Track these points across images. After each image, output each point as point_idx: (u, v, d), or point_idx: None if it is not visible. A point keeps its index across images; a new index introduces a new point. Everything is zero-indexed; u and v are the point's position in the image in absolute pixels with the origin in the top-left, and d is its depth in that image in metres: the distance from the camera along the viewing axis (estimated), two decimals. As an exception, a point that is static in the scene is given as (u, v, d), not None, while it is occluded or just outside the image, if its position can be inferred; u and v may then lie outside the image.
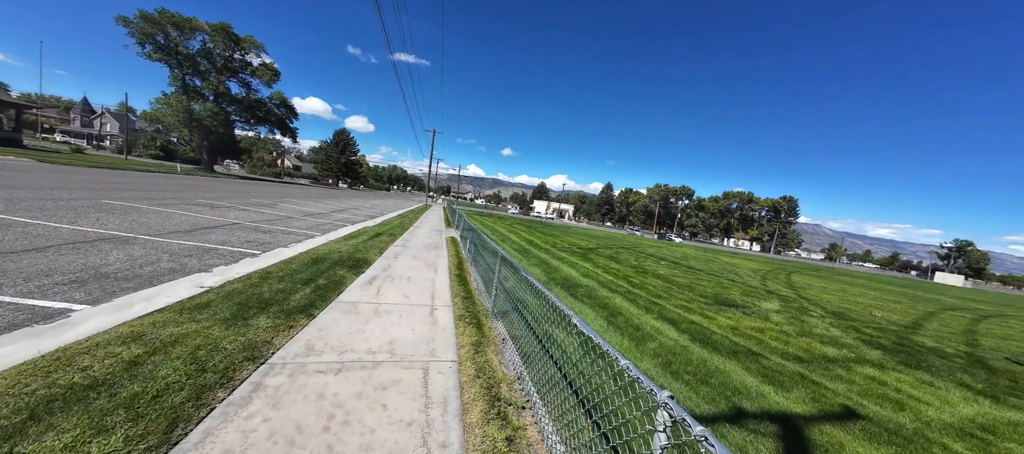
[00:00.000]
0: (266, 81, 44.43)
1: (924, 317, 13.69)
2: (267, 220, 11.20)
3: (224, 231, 8.50)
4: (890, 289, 25.90)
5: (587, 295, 7.98)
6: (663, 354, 4.79)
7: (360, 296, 5.08)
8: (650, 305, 7.90)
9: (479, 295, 6.17)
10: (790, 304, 11.27)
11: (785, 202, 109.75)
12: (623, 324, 5.99)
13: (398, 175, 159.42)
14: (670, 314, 7.33)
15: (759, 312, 9.06)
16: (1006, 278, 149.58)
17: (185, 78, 41.97)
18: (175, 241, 6.88)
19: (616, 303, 7.58)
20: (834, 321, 9.48)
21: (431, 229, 16.32)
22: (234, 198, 16.19)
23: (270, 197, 20.00)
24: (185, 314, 3.63)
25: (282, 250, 7.53)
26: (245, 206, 13.81)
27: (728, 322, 7.40)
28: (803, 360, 5.59)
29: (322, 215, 15.22)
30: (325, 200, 25.14)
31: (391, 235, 12.03)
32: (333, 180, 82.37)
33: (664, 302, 8.53)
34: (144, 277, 4.82)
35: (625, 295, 8.64)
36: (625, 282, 10.68)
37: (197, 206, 11.73)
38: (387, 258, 8.17)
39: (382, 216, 19.44)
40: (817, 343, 6.83)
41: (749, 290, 13.32)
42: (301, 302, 4.42)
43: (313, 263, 6.53)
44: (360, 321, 4.14)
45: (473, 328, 4.34)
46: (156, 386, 2.42)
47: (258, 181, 42.53)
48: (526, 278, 3.46)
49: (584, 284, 9.26)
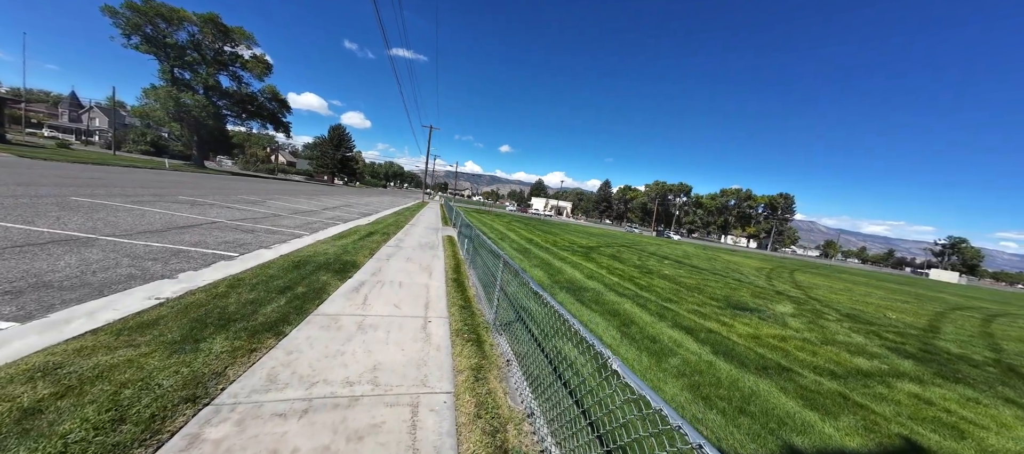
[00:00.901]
0: (257, 74, 43.29)
1: (936, 318, 13.28)
2: (252, 218, 10.53)
3: (201, 231, 7.83)
4: (892, 287, 25.60)
5: (594, 300, 7.40)
6: (688, 373, 4.23)
7: (343, 307, 4.46)
8: (662, 311, 7.34)
9: (478, 303, 5.58)
10: (803, 306, 10.77)
11: (782, 199, 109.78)
12: (638, 335, 5.42)
13: (395, 172, 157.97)
14: (685, 321, 6.77)
15: (775, 317, 8.54)
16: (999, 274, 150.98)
17: (173, 71, 40.82)
18: (141, 243, 6.22)
19: (626, 309, 7.01)
20: (852, 325, 8.98)
21: (427, 227, 15.68)
22: (219, 195, 15.45)
23: (259, 194, 19.25)
24: (124, 336, 3.01)
25: (263, 252, 6.90)
26: (230, 203, 13.09)
27: (747, 329, 6.86)
28: (838, 375, 5.05)
29: (312, 213, 14.53)
30: (318, 197, 24.39)
31: (384, 234, 11.39)
32: (328, 177, 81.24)
33: (675, 307, 7.98)
34: (93, 286, 4.18)
35: (634, 299, 8.08)
36: (632, 284, 10.12)
37: (176, 203, 11.02)
38: (378, 260, 7.54)
39: (376, 214, 18.76)
40: (845, 353, 6.31)
41: (758, 291, 12.83)
42: (272, 316, 3.80)
43: (294, 267, 5.89)
44: (340, 339, 3.53)
45: (472, 346, 3.74)
46: (49, 450, 1.80)
47: (250, 177, 41.56)
48: (538, 293, 2.86)
49: (590, 287, 8.68)
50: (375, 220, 15.28)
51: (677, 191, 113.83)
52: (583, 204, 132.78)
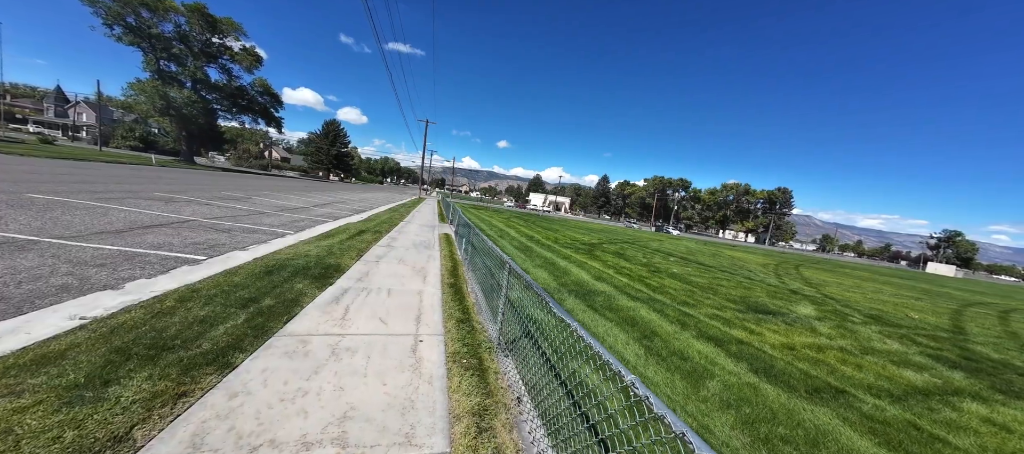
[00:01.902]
0: (247, 66, 41.92)
1: (954, 316, 12.72)
2: (232, 216, 9.71)
3: (169, 230, 7.02)
4: (898, 283, 25.13)
5: (607, 306, 6.69)
6: (734, 402, 3.53)
7: (317, 323, 3.71)
8: (682, 317, 6.64)
9: (479, 313, 4.84)
10: (823, 307, 10.13)
11: (780, 193, 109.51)
12: (663, 350, 4.71)
13: (391, 167, 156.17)
14: (709, 329, 6.08)
15: (801, 321, 7.87)
16: (993, 267, 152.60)
17: (159, 63, 39.46)
18: (92, 246, 5.42)
19: (643, 316, 6.30)
20: (881, 329, 8.34)
21: (423, 225, 14.90)
22: (201, 191, 14.57)
23: (246, 190, 18.36)
24: (10, 377, 2.25)
25: (237, 254, 6.12)
26: (211, 200, 12.24)
27: (777, 338, 6.18)
28: (896, 397, 4.37)
29: (301, 210, 13.71)
30: (310, 193, 23.50)
31: (376, 232, 10.61)
32: (323, 173, 79.95)
33: (694, 311, 7.29)
34: (13, 301, 3.40)
35: (648, 303, 7.38)
36: (642, 285, 9.43)
37: (149, 200, 10.18)
38: (366, 263, 6.77)
39: (370, 210, 17.94)
40: (890, 365, 5.64)
41: (772, 290, 12.18)
42: (222, 341, 3.04)
43: (266, 273, 5.12)
44: (305, 371, 2.78)
45: (473, 377, 3.01)
46: None
47: (241, 174, 40.46)
48: (566, 320, 2.13)
49: (599, 290, 7.97)
50: (368, 217, 14.48)
51: (676, 186, 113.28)
52: (581, 199, 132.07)
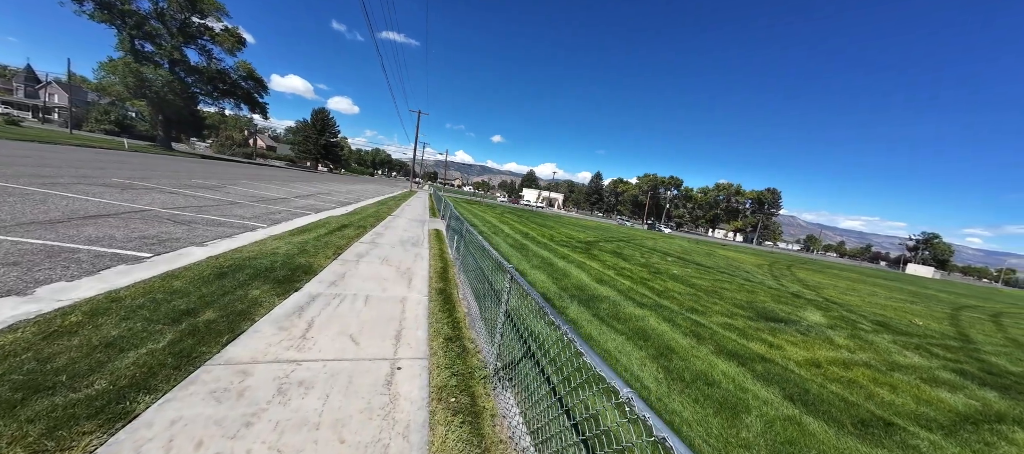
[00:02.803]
0: (228, 48, 39.88)
1: (953, 321, 12.53)
2: (197, 206, 8.77)
3: (116, 222, 6.11)
4: (886, 285, 25.30)
5: (613, 314, 6.06)
6: (778, 445, 2.91)
7: (267, 347, 2.95)
8: (694, 328, 6.06)
9: (471, 327, 4.14)
10: (830, 313, 9.72)
11: (769, 194, 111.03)
12: (684, 372, 4.08)
13: (382, 159, 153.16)
14: (726, 342, 5.50)
15: (815, 330, 7.39)
16: (967, 269, 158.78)
17: (134, 42, 37.31)
18: (11, 239, 4.53)
19: (653, 327, 5.69)
20: (895, 338, 7.93)
21: (412, 219, 14.08)
22: (169, 178, 13.46)
23: (222, 178, 17.20)
24: None
25: (192, 251, 5.28)
26: (178, 188, 11.21)
27: (799, 352, 5.64)
28: (946, 428, 3.84)
29: (280, 201, 12.74)
30: (293, 183, 22.34)
31: (361, 227, 9.79)
32: (311, 163, 77.76)
33: (705, 320, 6.72)
34: None
35: (656, 311, 6.78)
36: (646, 289, 8.84)
37: (103, 187, 9.15)
38: (344, 263, 5.99)
39: (357, 203, 17.01)
40: (922, 384, 5.15)
41: (774, 294, 11.77)
42: (124, 377, 2.27)
43: (218, 276, 4.32)
44: (233, 425, 2.04)
45: (464, 426, 2.31)
46: None
47: (222, 161, 38.73)
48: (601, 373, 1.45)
49: (603, 295, 7.34)
50: (353, 210, 13.59)
51: (668, 184, 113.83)
52: (574, 196, 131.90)
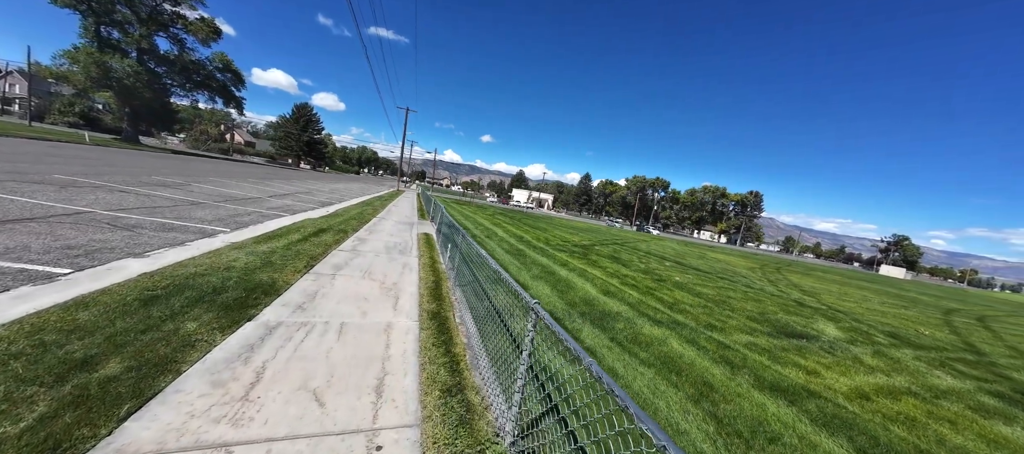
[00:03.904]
0: (202, 38, 37.67)
1: (949, 327, 12.43)
2: (149, 208, 7.64)
3: (36, 227, 5.03)
4: (869, 287, 25.64)
5: (631, 336, 5.33)
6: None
7: (184, 420, 2.06)
8: (721, 351, 5.40)
9: (473, 368, 3.32)
10: (842, 325, 9.30)
11: (752, 197, 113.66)
12: (735, 418, 3.37)
13: (368, 157, 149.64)
14: (762, 370, 4.85)
15: (838, 347, 6.86)
16: (934, 270, 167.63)
17: (99, 29, 34.86)
18: None
19: (677, 353, 4.99)
20: (918, 354, 7.50)
21: (399, 222, 13.10)
22: (125, 175, 12.11)
23: (189, 175, 15.80)
24: None
25: (127, 265, 4.28)
26: (131, 186, 9.97)
27: (840, 379, 5.04)
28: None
29: (252, 201, 11.59)
30: (271, 181, 20.95)
31: (341, 231, 8.82)
32: (293, 160, 75.04)
33: (727, 339, 6.08)
34: None
35: (674, 330, 6.10)
36: (656, 301, 8.18)
37: (38, 184, 7.91)
38: (317, 277, 5.07)
39: (340, 203, 15.90)
40: (975, 415, 4.61)
41: (780, 302, 11.33)
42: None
43: (145, 303, 3.37)
44: None
45: None
46: None
47: (195, 157, 36.56)
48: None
49: (614, 311, 6.62)
50: (334, 212, 12.53)
51: (656, 186, 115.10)
52: (563, 197, 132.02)
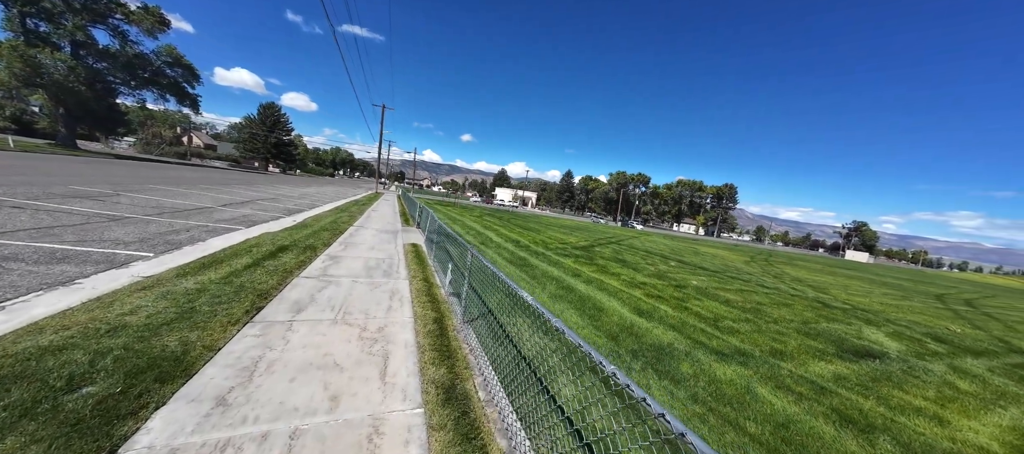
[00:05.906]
0: (147, 29, 33.85)
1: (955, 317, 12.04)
2: (45, 229, 5.69)
3: None
4: (855, 276, 25.93)
5: (710, 388, 4.03)
6: None
7: None
8: (818, 396, 4.19)
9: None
10: (884, 330, 8.46)
11: (727, 189, 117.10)
12: None
13: (343, 159, 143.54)
14: (890, 424, 3.67)
15: (920, 369, 5.87)
16: (890, 252, 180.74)
17: (25, 20, 30.66)
18: None
19: (777, 408, 3.74)
20: (976, 362, 6.66)
21: (381, 230, 11.38)
22: (28, 186, 9.81)
23: (123, 184, 13.40)
24: None
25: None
26: (34, 200, 7.83)
27: (965, 422, 3.94)
28: None
29: (198, 212, 9.59)
30: (230, 187, 18.53)
31: (308, 249, 7.11)
32: (260, 163, 70.33)
33: (805, 371, 4.92)
34: None
35: (744, 364, 4.87)
36: (695, 319, 6.96)
37: None
38: (263, 330, 3.45)
39: (309, 210, 13.95)
40: None
41: (807, 305, 10.46)
42: None
43: None
44: None
45: None
46: None
47: (146, 162, 32.88)
48: None
49: (662, 341, 5.32)
50: (301, 222, 10.68)
51: (636, 181, 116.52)
52: (546, 194, 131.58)
